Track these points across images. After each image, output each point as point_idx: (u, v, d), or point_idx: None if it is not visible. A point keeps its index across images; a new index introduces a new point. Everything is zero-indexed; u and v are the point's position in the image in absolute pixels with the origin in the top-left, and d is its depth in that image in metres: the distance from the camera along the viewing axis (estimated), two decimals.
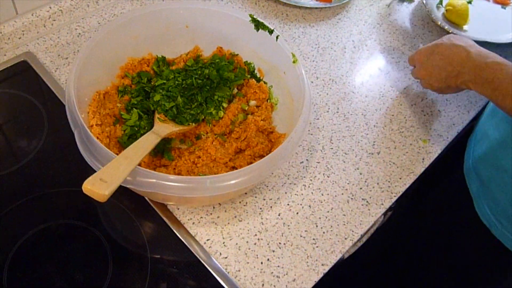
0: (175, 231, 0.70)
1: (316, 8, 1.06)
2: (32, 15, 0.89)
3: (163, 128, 0.71)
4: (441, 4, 1.11)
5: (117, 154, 0.60)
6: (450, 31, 1.05)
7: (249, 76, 0.84)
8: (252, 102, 0.81)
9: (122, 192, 0.72)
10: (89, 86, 0.75)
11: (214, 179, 0.60)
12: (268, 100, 0.82)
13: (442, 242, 0.97)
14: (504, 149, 0.77)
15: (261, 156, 0.72)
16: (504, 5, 1.15)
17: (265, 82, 0.83)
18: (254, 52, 0.84)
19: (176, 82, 0.77)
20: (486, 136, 0.83)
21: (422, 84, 0.87)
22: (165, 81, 0.78)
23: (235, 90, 0.83)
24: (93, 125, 0.71)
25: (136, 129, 0.74)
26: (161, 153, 0.75)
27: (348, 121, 0.89)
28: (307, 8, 1.06)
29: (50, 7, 0.90)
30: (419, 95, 0.95)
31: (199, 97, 0.77)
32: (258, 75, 0.85)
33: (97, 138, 0.67)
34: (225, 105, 0.80)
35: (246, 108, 0.80)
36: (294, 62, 0.76)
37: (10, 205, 0.69)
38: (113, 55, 0.79)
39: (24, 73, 0.85)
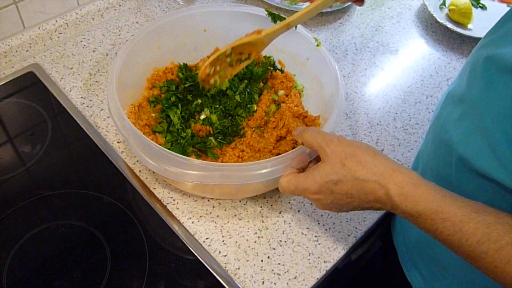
0: (175, 230, 0.70)
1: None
2: (39, 28, 0.92)
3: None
4: (444, 5, 1.10)
5: None
6: (454, 30, 1.04)
7: (271, 68, 0.85)
8: (281, 92, 0.82)
9: (122, 191, 0.72)
10: (123, 101, 0.75)
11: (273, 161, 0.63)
12: (295, 88, 0.84)
13: None
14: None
15: None
16: (510, 3, 1.13)
17: None
18: (273, 45, 0.84)
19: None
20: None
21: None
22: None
23: (261, 84, 0.84)
24: None
25: (176, 134, 0.74)
26: (205, 153, 0.75)
27: (350, 120, 0.88)
28: None
29: (56, 21, 0.93)
30: (424, 93, 0.94)
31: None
32: (279, 67, 0.87)
33: None
34: (256, 98, 0.81)
35: (276, 98, 0.81)
36: (318, 45, 0.78)
37: (14, 206, 0.70)
38: (139, 69, 0.80)
39: (31, 84, 0.87)
